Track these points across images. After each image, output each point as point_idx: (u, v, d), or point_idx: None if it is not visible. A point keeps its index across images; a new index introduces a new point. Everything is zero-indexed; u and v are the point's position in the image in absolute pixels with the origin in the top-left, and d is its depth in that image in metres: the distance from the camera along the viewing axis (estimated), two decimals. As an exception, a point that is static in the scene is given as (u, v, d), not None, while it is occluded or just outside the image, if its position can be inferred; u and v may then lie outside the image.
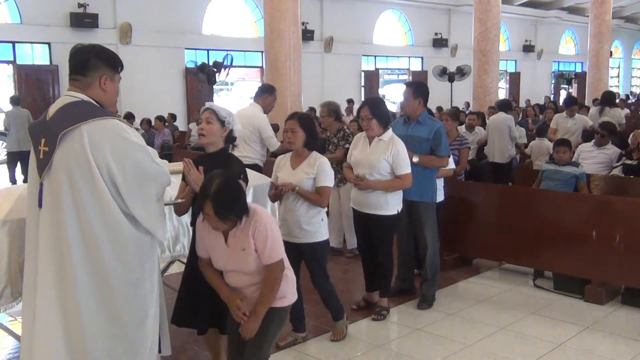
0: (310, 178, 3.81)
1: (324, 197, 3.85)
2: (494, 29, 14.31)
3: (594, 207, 4.92)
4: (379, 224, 4.36)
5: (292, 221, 3.84)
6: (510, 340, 4.12)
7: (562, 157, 5.74)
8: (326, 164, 3.86)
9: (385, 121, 4.35)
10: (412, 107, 4.69)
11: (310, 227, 3.85)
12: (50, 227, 2.58)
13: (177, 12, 15.23)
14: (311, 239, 3.86)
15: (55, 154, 2.56)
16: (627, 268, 4.62)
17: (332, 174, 3.89)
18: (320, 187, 3.83)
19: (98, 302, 2.59)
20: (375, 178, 4.28)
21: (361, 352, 3.98)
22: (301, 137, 3.82)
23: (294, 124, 3.85)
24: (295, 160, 3.91)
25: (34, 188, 2.67)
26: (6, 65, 13.56)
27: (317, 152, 3.96)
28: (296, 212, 3.82)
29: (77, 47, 2.73)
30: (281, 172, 3.93)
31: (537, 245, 5.11)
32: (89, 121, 2.55)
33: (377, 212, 4.33)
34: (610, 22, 18.92)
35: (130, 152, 2.59)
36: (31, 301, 2.67)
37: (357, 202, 4.45)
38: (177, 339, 4.16)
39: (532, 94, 23.09)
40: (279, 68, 10.42)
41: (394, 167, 4.27)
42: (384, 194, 4.30)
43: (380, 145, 4.32)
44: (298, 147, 3.86)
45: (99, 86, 2.70)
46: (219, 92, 17.69)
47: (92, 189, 2.53)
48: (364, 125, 4.38)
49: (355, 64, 19.81)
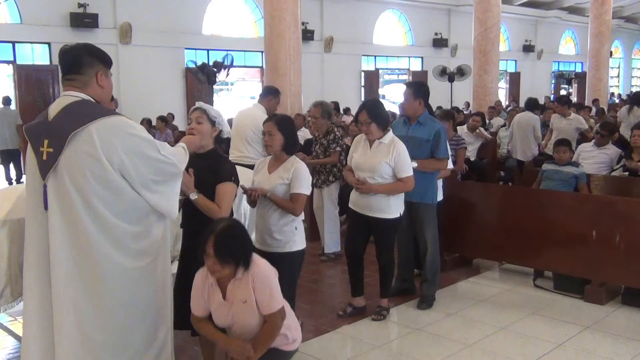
0: (285, 184, 3.62)
1: (297, 205, 3.61)
2: (494, 29, 14.31)
3: (594, 207, 4.92)
4: (382, 227, 4.33)
5: (263, 229, 3.67)
6: (510, 340, 4.12)
7: (562, 157, 5.74)
8: (302, 169, 3.65)
9: (384, 124, 4.29)
10: (413, 108, 4.67)
11: (282, 236, 3.63)
12: (60, 228, 2.58)
13: (177, 12, 15.22)
14: (283, 248, 3.64)
15: (63, 154, 2.55)
16: (627, 268, 4.62)
17: (308, 181, 3.68)
18: (294, 194, 3.60)
19: (113, 300, 2.65)
20: (377, 181, 4.23)
21: (361, 352, 3.98)
22: (279, 141, 3.64)
23: (272, 126, 3.66)
24: (273, 165, 3.73)
25: (34, 190, 2.66)
26: (6, 65, 13.55)
27: (297, 157, 3.80)
28: (268, 219, 3.64)
29: (66, 48, 2.74)
30: (257, 175, 3.77)
31: (537, 245, 5.11)
32: (97, 120, 2.56)
33: (379, 216, 4.29)
34: (610, 22, 18.90)
35: (139, 146, 2.63)
36: (34, 302, 2.68)
37: (358, 204, 4.39)
38: (177, 338, 4.16)
39: (532, 94, 22.85)
40: (279, 68, 10.41)
41: (395, 170, 4.23)
42: (386, 197, 4.26)
43: (381, 148, 4.27)
44: (276, 151, 3.67)
45: (97, 83, 2.71)
46: (219, 92, 17.68)
47: (105, 188, 2.56)
48: (363, 130, 4.31)
49: (355, 64, 19.79)
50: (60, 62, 2.73)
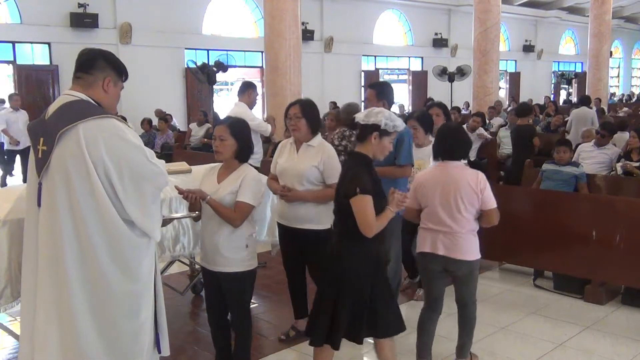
0: (233, 193, 3.25)
1: (238, 214, 3.21)
2: (494, 29, 14.33)
3: (594, 207, 4.92)
4: (312, 239, 3.83)
5: (210, 244, 3.30)
6: (510, 340, 4.13)
7: (562, 157, 5.74)
8: (254, 178, 3.30)
9: (315, 125, 3.91)
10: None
11: (231, 254, 3.27)
12: (48, 226, 2.58)
13: (177, 12, 15.22)
14: (231, 268, 3.28)
15: (54, 153, 2.55)
16: (627, 268, 4.62)
17: (258, 192, 3.31)
18: (238, 202, 3.22)
19: (92, 303, 2.59)
20: (306, 188, 3.82)
21: (361, 352, 3.98)
22: (230, 147, 3.28)
23: (224, 130, 3.29)
24: (223, 173, 3.36)
25: (32, 187, 2.67)
26: (6, 65, 13.55)
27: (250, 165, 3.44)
28: (215, 234, 3.27)
29: (88, 49, 2.75)
30: (204, 184, 3.39)
31: (537, 245, 5.11)
32: (86, 120, 2.54)
33: (309, 227, 3.84)
34: (610, 22, 18.92)
35: (125, 152, 2.58)
36: (30, 301, 2.67)
37: (284, 216, 3.95)
38: (177, 338, 4.16)
39: (532, 94, 23.06)
40: (279, 68, 10.42)
41: (325, 176, 3.81)
42: (315, 206, 3.82)
43: (309, 151, 3.87)
44: (227, 158, 3.32)
45: (102, 86, 2.69)
46: (219, 92, 17.69)
47: (89, 188, 2.53)
48: (291, 125, 3.90)
49: (355, 64, 19.79)
50: (76, 60, 2.71)
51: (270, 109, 10.58)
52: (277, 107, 7.00)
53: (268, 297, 5.13)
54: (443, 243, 3.51)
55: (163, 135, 11.19)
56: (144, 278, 2.73)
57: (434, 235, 3.54)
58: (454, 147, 3.57)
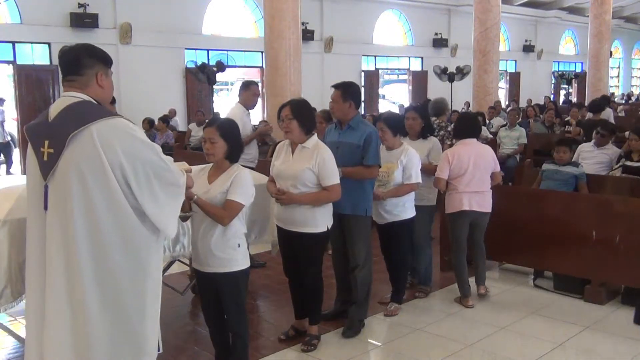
0: (224, 193, 3.25)
1: (227, 213, 3.22)
2: (494, 29, 14.32)
3: (594, 207, 4.92)
4: (307, 242, 3.84)
5: (202, 246, 3.30)
6: (510, 340, 4.13)
7: (562, 157, 5.73)
8: (244, 177, 3.30)
9: (308, 126, 3.85)
10: (342, 111, 4.20)
11: (224, 254, 3.28)
12: (58, 229, 2.58)
13: (177, 12, 15.21)
14: (224, 268, 3.29)
15: (63, 155, 2.55)
16: (627, 268, 4.62)
17: (249, 192, 3.32)
18: (228, 200, 3.22)
19: (105, 302, 2.60)
20: (300, 191, 3.78)
21: (361, 352, 3.99)
22: (221, 148, 3.29)
23: (213, 132, 3.29)
24: (213, 174, 3.37)
25: (35, 190, 2.66)
26: (6, 65, 13.54)
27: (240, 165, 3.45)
28: (206, 234, 3.28)
29: (65, 49, 2.73)
30: (195, 185, 3.25)
31: (537, 245, 5.11)
32: (98, 121, 2.54)
33: (304, 230, 3.82)
34: (610, 22, 18.91)
35: (140, 150, 2.60)
36: (35, 302, 2.67)
37: (281, 219, 3.93)
38: (177, 338, 4.17)
39: (532, 94, 23.06)
40: (279, 68, 10.42)
41: (320, 178, 3.77)
42: (311, 209, 3.79)
43: (304, 153, 3.82)
44: (218, 160, 3.33)
45: (97, 83, 2.69)
46: (219, 92, 17.68)
47: (106, 188, 2.54)
48: (283, 127, 3.86)
49: (355, 64, 19.78)
50: (59, 63, 2.71)
51: (270, 109, 10.57)
52: (277, 107, 7.00)
53: (268, 297, 5.14)
54: (476, 201, 4.67)
55: (163, 135, 11.22)
56: (154, 274, 2.76)
57: (470, 196, 4.64)
58: (474, 128, 4.86)
